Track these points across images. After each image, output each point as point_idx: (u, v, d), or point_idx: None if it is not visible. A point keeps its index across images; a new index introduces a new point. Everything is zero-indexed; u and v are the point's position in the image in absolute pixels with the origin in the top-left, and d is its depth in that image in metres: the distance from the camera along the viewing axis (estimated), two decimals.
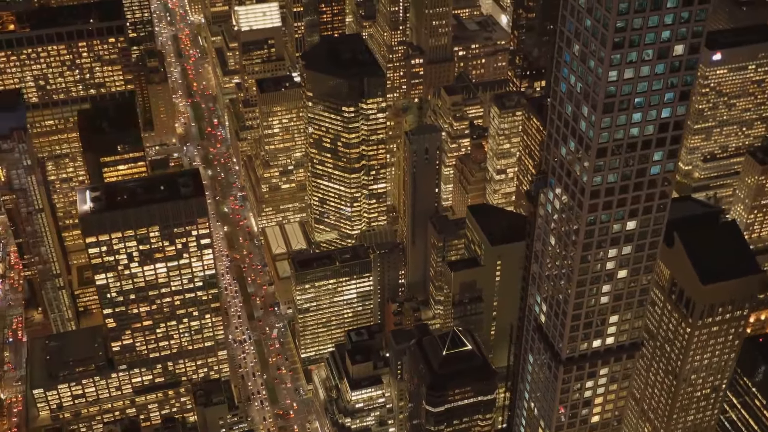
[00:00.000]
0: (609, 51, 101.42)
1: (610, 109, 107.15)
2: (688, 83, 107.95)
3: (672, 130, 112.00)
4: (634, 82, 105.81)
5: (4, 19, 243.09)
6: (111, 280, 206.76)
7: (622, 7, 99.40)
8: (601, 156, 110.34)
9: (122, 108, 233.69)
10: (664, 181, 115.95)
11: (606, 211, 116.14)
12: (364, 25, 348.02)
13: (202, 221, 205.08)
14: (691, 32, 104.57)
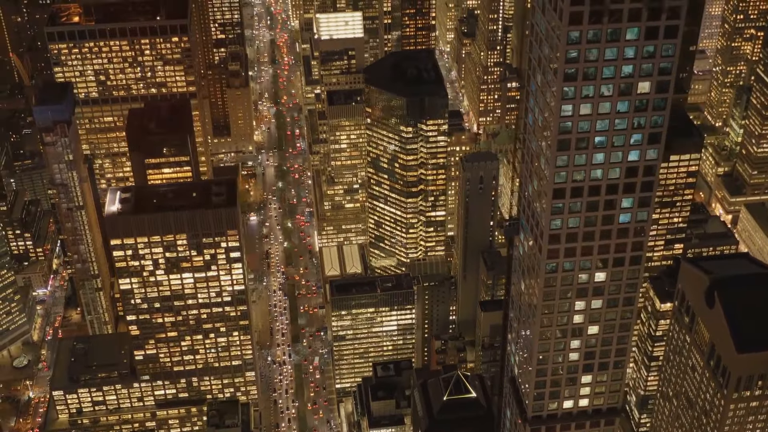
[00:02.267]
0: (560, 82, 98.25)
1: (565, 146, 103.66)
2: (658, 125, 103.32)
3: (642, 175, 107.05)
4: (592, 119, 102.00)
5: (71, 11, 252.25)
6: (135, 286, 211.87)
7: (572, 35, 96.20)
8: (558, 197, 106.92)
9: (175, 110, 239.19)
10: (636, 232, 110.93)
11: (569, 258, 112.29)
12: (464, 42, 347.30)
13: (232, 233, 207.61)
14: (657, 69, 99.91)
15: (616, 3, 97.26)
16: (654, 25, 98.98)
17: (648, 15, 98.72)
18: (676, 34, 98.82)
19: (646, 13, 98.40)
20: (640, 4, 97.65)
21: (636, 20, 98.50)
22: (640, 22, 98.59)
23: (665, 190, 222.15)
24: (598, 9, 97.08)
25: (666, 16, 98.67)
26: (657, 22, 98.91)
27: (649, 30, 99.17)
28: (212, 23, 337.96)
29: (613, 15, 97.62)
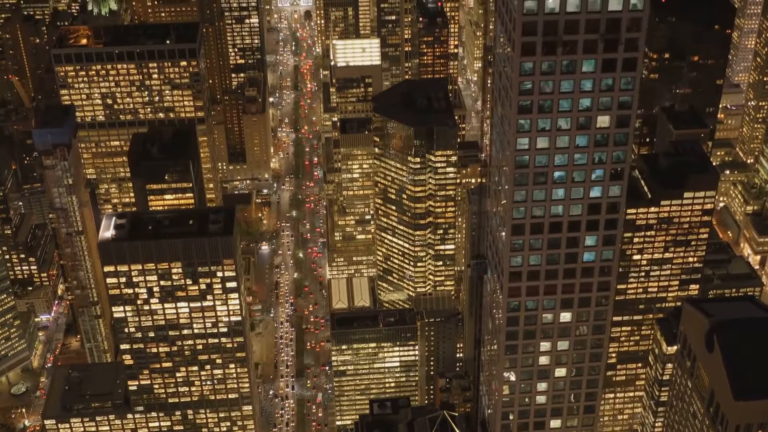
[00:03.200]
0: (514, 114, 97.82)
1: (523, 181, 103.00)
2: (620, 160, 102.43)
3: (606, 212, 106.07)
4: (550, 153, 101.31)
5: (80, 33, 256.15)
6: (129, 314, 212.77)
7: (526, 66, 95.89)
8: (517, 234, 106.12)
9: (179, 135, 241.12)
10: (602, 271, 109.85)
11: (531, 297, 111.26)
12: (489, 71, 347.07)
13: (229, 263, 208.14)
14: (616, 102, 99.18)
15: (570, 34, 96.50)
16: (611, 58, 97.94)
17: (604, 47, 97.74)
18: (635, 66, 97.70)
19: (602, 45, 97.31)
20: (595, 36, 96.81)
21: (592, 52, 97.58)
22: (596, 54, 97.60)
23: (679, 229, 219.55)
24: (551, 40, 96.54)
25: (623, 48, 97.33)
26: (614, 55, 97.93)
27: (606, 62, 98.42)
28: (231, 48, 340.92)
29: (568, 46, 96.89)
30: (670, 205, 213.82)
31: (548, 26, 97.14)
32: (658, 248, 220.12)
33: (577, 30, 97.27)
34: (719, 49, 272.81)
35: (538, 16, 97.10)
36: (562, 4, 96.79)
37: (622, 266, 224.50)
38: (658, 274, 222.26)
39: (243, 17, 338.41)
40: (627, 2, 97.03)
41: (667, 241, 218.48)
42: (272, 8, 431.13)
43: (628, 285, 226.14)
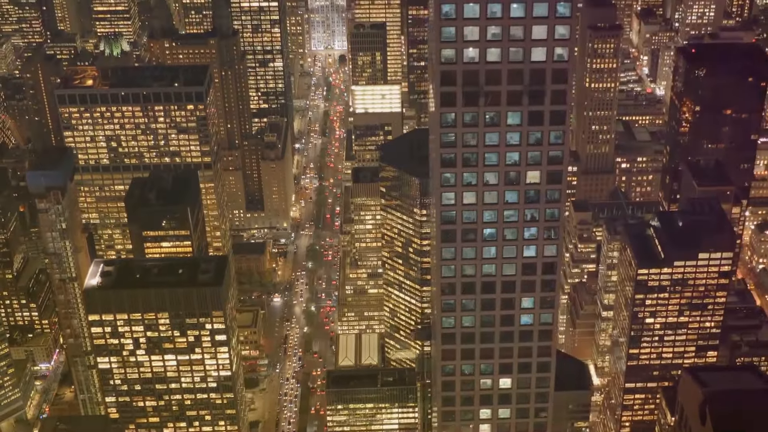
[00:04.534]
0: (437, 167, 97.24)
1: (450, 237, 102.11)
2: (554, 218, 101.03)
3: (542, 273, 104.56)
4: (477, 209, 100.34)
5: (87, 73, 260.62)
6: (115, 366, 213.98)
7: (447, 117, 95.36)
8: (448, 293, 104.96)
9: (180, 181, 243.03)
10: (542, 335, 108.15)
11: (467, 361, 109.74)
12: None
13: (218, 314, 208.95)
14: (546, 157, 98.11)
15: (492, 84, 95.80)
16: (538, 110, 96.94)
17: (530, 99, 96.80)
18: (564, 120, 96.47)
19: (527, 97, 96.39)
20: (519, 87, 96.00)
21: (516, 104, 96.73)
22: (521, 106, 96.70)
23: (694, 291, 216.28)
24: (472, 90, 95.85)
25: (550, 101, 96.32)
26: (540, 107, 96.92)
27: (532, 115, 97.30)
28: (254, 92, 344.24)
29: (490, 97, 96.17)
30: (684, 266, 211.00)
31: (468, 76, 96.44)
32: (672, 311, 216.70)
33: (499, 80, 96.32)
34: (754, 102, 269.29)
35: (456, 65, 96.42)
36: (482, 54, 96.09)
37: (635, 330, 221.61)
38: (673, 339, 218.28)
39: (267, 60, 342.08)
40: (551, 53, 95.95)
41: (682, 304, 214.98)
42: (306, 52, 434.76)
43: (641, 350, 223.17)
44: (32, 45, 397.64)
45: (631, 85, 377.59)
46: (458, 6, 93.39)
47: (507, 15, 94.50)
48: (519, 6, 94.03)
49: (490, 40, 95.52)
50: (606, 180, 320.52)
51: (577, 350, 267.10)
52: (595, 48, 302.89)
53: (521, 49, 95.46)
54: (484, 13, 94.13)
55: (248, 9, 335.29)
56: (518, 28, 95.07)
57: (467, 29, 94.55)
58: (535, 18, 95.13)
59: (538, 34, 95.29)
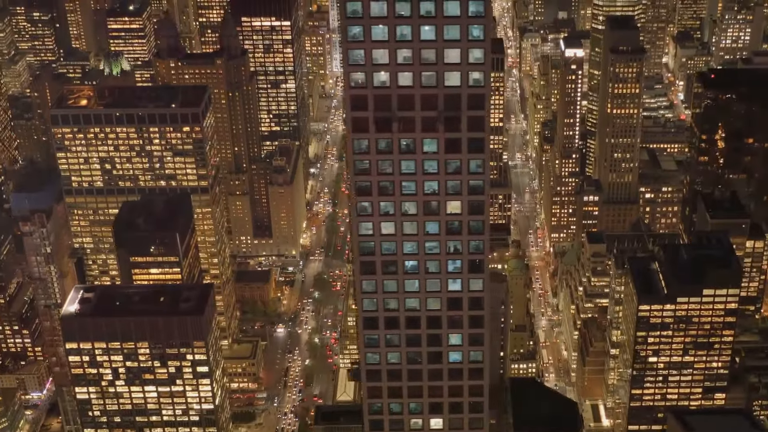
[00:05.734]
0: (354, 196, 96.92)
1: (370, 269, 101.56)
2: (479, 251, 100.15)
3: (469, 308, 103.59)
4: (397, 240, 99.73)
5: (82, 93, 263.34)
6: (93, 396, 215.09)
7: (360, 144, 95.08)
8: (370, 328, 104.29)
9: (171, 206, 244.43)
10: (473, 374, 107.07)
11: (394, 399, 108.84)
12: (544, 148, 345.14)
13: (200, 345, 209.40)
14: (466, 187, 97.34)
15: (406, 110, 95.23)
16: (455, 137, 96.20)
17: (446, 125, 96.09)
18: (483, 148, 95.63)
19: (442, 124, 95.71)
20: (433, 113, 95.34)
21: (432, 131, 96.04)
22: (437, 133, 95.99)
23: (699, 329, 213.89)
24: (384, 116, 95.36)
25: (467, 128, 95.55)
26: (457, 134, 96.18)
27: (449, 142, 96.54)
28: (266, 114, 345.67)
29: (404, 123, 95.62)
30: (688, 302, 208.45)
31: (380, 101, 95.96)
32: (676, 350, 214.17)
33: (413, 106, 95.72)
34: None
35: (367, 89, 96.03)
36: (393, 78, 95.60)
37: (637, 369, 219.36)
38: (678, 380, 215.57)
39: (279, 82, 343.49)
40: (466, 77, 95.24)
41: (687, 342, 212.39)
42: (327, 73, 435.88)
43: (644, 390, 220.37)
44: (45, 63, 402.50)
45: (662, 111, 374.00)
46: (366, 28, 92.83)
47: (417, 38, 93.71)
48: (430, 29, 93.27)
49: (401, 63, 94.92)
50: (629, 210, 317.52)
51: (587, 389, 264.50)
52: (617, 72, 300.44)
53: (434, 73, 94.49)
54: (393, 35, 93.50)
55: (260, 29, 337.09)
56: (430, 52, 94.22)
57: (377, 52, 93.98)
58: (447, 41, 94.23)
59: (452, 57, 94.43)
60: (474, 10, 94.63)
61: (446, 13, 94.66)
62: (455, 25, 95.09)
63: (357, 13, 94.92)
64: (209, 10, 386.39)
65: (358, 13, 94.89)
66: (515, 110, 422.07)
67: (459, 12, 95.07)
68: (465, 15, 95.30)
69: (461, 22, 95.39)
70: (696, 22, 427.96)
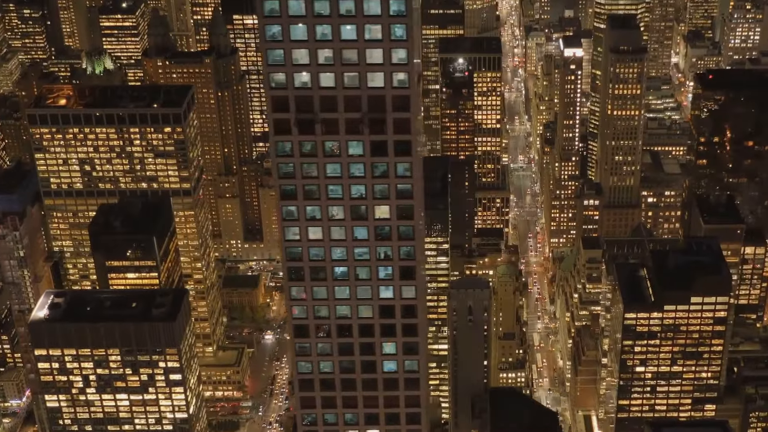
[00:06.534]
0: (278, 200, 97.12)
1: (298, 276, 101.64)
2: (410, 257, 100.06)
3: (402, 316, 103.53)
4: (324, 246, 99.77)
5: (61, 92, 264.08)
6: (64, 404, 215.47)
7: (283, 147, 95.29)
8: (301, 336, 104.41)
9: (150, 208, 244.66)
10: (409, 384, 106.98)
11: (329, 410, 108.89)
12: (546, 150, 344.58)
13: (172, 352, 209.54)
14: (394, 191, 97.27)
15: (329, 111, 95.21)
16: (380, 140, 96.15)
17: (371, 128, 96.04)
18: (410, 150, 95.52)
19: (367, 126, 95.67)
20: (357, 115, 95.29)
21: (356, 133, 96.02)
22: (362, 136, 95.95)
23: (688, 338, 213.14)
24: (306, 117, 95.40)
25: (393, 130, 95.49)
26: (383, 137, 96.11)
27: (375, 145, 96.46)
28: (259, 114, 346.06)
29: (327, 125, 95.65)
30: (676, 310, 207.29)
31: (302, 102, 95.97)
32: (664, 360, 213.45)
33: (335, 107, 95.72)
34: None
35: (288, 90, 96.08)
36: (315, 78, 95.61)
37: (624, 379, 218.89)
38: (667, 390, 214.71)
39: None
40: (390, 78, 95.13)
41: (675, 352, 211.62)
42: None
43: (632, 401, 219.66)
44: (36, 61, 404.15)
45: (669, 112, 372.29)
46: (285, 27, 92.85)
47: (338, 37, 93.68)
48: (351, 28, 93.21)
49: (323, 63, 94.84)
50: (631, 215, 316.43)
51: (579, 399, 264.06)
52: (618, 73, 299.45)
53: (357, 73, 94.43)
54: (312, 35, 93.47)
55: (252, 27, 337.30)
56: (352, 52, 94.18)
57: (297, 52, 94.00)
58: (369, 41, 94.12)
59: (374, 58, 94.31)
60: (396, 9, 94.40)
61: (367, 12, 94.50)
62: (377, 25, 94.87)
63: (275, 12, 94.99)
64: (204, 7, 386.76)
65: (276, 12, 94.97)
66: (520, 111, 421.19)
67: (380, 11, 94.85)
68: (386, 14, 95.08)
69: (383, 21, 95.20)
70: (707, 21, 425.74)
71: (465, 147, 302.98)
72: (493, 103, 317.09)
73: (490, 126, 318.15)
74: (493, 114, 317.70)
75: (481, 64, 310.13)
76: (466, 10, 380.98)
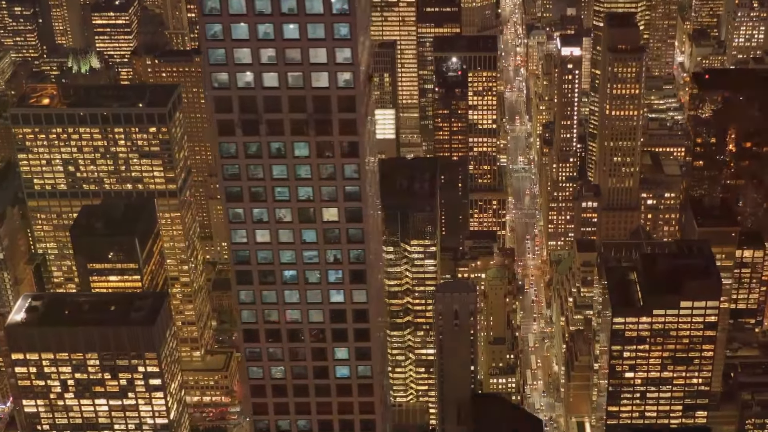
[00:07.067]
0: (224, 202, 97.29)
1: (246, 279, 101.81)
2: (360, 261, 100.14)
3: (354, 321, 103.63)
4: (273, 248, 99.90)
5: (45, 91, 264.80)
6: (42, 410, 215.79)
7: (228, 148, 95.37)
8: (251, 340, 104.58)
9: (133, 210, 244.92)
10: (363, 390, 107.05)
11: (281, 416, 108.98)
12: (544, 151, 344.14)
13: (151, 356, 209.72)
14: (342, 193, 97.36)
15: (273, 112, 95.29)
16: (326, 141, 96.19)
17: (317, 129, 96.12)
18: (357, 152, 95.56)
19: (312, 127, 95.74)
20: (302, 115, 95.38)
21: (302, 134, 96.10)
22: (307, 137, 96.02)
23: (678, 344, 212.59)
24: (250, 118, 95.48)
25: (339, 131, 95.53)
26: (329, 138, 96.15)
27: (321, 146, 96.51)
28: None
29: (272, 126, 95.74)
30: (665, 315, 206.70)
31: (245, 102, 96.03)
32: (654, 365, 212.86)
33: (280, 108, 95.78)
34: None
35: (231, 90, 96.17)
36: (258, 78, 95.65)
37: (613, 385, 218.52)
38: (657, 396, 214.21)
39: None
40: (334, 78, 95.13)
41: (665, 357, 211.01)
42: None
43: (621, 407, 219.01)
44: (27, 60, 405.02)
45: (672, 113, 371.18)
46: (226, 26, 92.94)
47: (281, 36, 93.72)
48: (294, 27, 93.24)
49: (266, 63, 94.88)
50: (630, 217, 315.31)
51: (572, 405, 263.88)
52: (615, 72, 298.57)
53: (301, 73, 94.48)
54: (254, 33, 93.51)
55: None
56: (295, 51, 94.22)
57: (239, 51, 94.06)
58: (312, 40, 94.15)
59: (318, 57, 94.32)
60: (339, 8, 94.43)
61: (309, 10, 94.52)
62: (320, 24, 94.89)
63: (215, 10, 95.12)
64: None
65: (216, 10, 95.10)
66: (521, 111, 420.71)
67: (323, 9, 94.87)
68: (329, 12, 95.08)
69: (326, 20, 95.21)
70: (713, 20, 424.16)
71: (458, 147, 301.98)
72: (489, 102, 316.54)
73: (486, 126, 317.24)
74: (488, 114, 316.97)
75: (477, 63, 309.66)
76: (464, 8, 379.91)
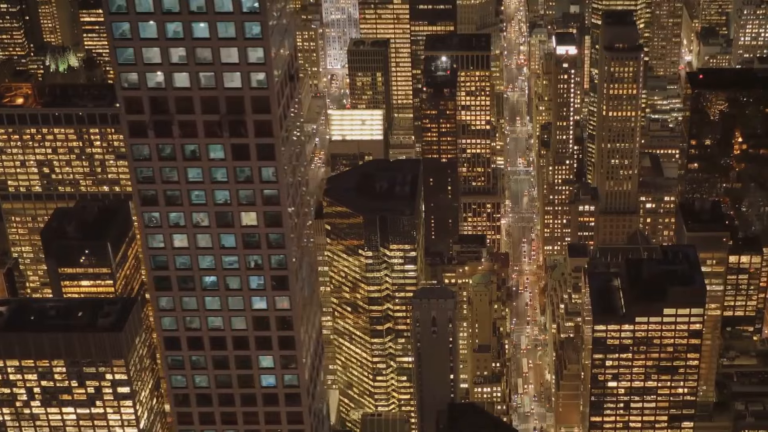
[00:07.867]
0: (138, 207, 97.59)
1: (165, 285, 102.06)
2: (281, 266, 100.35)
3: (279, 329, 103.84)
4: (191, 254, 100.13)
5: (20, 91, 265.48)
6: (8, 418, 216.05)
7: (140, 150, 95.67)
8: (172, 348, 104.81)
9: (106, 213, 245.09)
10: (290, 399, 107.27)
11: (208, 426, 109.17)
12: (542, 153, 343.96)
13: (119, 364, 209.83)
14: (260, 197, 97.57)
15: (185, 113, 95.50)
16: (242, 143, 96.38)
17: (231, 131, 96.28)
18: (273, 154, 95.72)
19: (226, 128, 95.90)
20: (216, 117, 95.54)
21: (216, 136, 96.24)
22: (222, 139, 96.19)
23: (661, 352, 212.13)
24: (162, 119, 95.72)
25: (255, 133, 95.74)
26: (244, 140, 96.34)
27: (236, 148, 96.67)
28: None
29: (185, 128, 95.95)
30: (648, 322, 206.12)
31: (157, 103, 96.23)
32: (637, 374, 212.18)
33: (192, 109, 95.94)
34: None
35: (141, 90, 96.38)
36: (169, 78, 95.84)
37: (595, 395, 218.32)
38: (641, 407, 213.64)
39: None
40: (247, 79, 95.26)
41: (648, 366, 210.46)
42: (321, 71, 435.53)
43: (604, 417, 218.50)
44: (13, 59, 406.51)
45: (675, 113, 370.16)
46: (134, 25, 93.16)
47: (190, 35, 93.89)
48: (204, 26, 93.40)
49: (176, 63, 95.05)
50: (628, 221, 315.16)
51: (561, 415, 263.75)
52: (612, 72, 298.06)
53: (213, 74, 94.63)
54: (163, 32, 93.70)
55: None
56: (206, 51, 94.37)
57: (148, 51, 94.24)
58: (223, 39, 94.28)
59: (230, 57, 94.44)
60: (249, 6, 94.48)
61: (218, 8, 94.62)
62: (230, 22, 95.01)
63: (122, 8, 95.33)
64: None
65: (123, 8, 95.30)
66: (522, 111, 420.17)
67: (232, 8, 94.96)
68: (239, 11, 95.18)
69: (236, 18, 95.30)
70: (722, 18, 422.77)
71: (447, 149, 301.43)
72: (482, 103, 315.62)
73: (480, 127, 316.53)
74: (482, 114, 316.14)
75: (469, 63, 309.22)
76: (462, 6, 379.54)
